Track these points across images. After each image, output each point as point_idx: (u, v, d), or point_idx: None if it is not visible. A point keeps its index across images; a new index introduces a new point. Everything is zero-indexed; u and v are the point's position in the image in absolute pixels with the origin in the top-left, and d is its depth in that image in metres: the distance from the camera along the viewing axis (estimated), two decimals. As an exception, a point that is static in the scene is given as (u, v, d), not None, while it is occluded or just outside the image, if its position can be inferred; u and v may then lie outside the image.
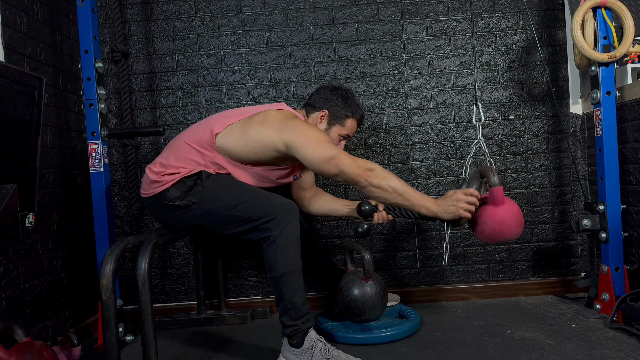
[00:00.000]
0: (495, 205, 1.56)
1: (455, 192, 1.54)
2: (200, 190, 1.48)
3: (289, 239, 1.42)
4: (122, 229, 2.19)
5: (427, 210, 1.52)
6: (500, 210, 1.55)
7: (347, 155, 1.47)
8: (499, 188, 1.55)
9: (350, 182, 1.48)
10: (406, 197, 1.49)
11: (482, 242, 1.62)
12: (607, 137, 1.80)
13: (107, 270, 1.26)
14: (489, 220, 1.56)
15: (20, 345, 1.24)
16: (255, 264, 2.22)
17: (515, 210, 1.57)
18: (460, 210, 1.51)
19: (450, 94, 2.20)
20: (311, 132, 1.48)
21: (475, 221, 1.59)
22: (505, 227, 1.55)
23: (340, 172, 1.46)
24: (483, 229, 1.57)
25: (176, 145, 1.58)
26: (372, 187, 1.47)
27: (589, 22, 1.77)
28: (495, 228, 1.55)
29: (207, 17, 2.20)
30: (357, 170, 1.46)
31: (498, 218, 1.55)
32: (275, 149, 1.50)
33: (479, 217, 1.58)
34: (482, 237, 1.60)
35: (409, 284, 2.22)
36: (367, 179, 1.46)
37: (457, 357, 1.51)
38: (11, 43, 1.62)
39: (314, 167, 1.47)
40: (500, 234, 1.56)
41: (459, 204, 1.51)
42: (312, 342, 1.42)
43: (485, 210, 1.58)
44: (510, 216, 1.55)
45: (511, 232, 1.56)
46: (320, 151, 1.44)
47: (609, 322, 1.70)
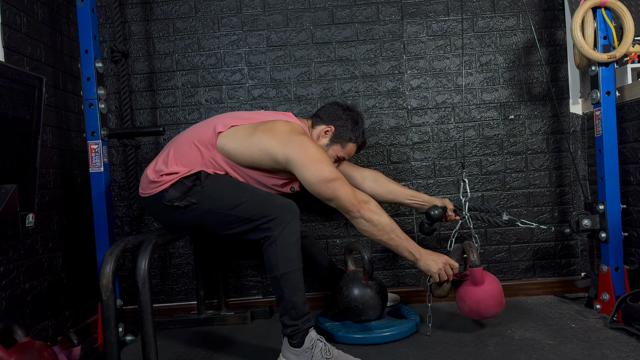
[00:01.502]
0: (474, 285, 1.63)
1: (443, 255, 1.60)
2: (200, 191, 1.48)
3: (290, 238, 1.42)
4: (122, 229, 2.19)
5: (408, 253, 1.55)
6: (478, 290, 1.63)
7: (346, 183, 1.48)
8: (479, 269, 1.62)
9: (342, 210, 1.49)
10: (392, 237, 1.52)
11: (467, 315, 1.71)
12: (607, 137, 1.80)
13: (107, 270, 1.26)
14: (467, 298, 1.64)
15: (20, 345, 1.24)
16: (255, 264, 2.22)
17: (495, 291, 1.64)
18: (435, 270, 1.57)
19: (450, 94, 2.20)
20: (315, 152, 1.48)
21: (456, 296, 1.69)
22: (482, 307, 1.63)
23: (335, 198, 1.46)
24: (462, 306, 1.67)
25: (176, 144, 1.58)
26: (363, 220, 1.49)
27: (589, 22, 1.77)
28: (472, 307, 1.64)
29: (207, 17, 2.20)
30: (352, 199, 1.46)
31: (476, 298, 1.63)
32: (274, 160, 1.50)
33: (459, 293, 1.67)
34: (463, 313, 1.68)
35: (409, 284, 2.22)
36: (360, 210, 1.47)
37: (457, 357, 1.51)
38: (11, 43, 1.62)
39: (310, 186, 1.47)
40: (478, 313, 1.64)
41: (439, 264, 1.57)
42: (312, 342, 1.42)
43: (464, 288, 1.66)
44: (488, 297, 1.63)
45: (488, 312, 1.64)
46: (320, 172, 1.44)
47: (609, 322, 1.70)
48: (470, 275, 1.64)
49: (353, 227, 2.20)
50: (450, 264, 1.59)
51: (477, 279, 1.62)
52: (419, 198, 1.90)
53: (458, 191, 2.20)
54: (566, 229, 1.90)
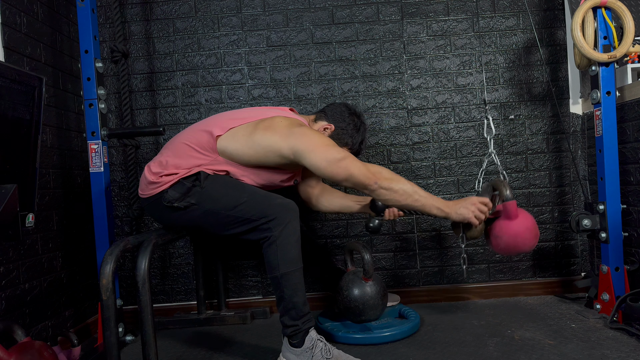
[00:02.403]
0: (509, 219, 1.58)
1: (470, 197, 1.56)
2: (199, 192, 1.48)
3: (290, 239, 1.42)
4: (122, 229, 2.19)
5: (437, 210, 1.52)
6: (513, 224, 1.57)
7: (355, 159, 1.47)
8: (512, 202, 1.56)
9: (360, 186, 1.47)
10: (416, 198, 1.49)
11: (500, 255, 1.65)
12: (607, 137, 1.80)
13: (107, 270, 1.26)
14: (502, 234, 1.58)
15: (20, 345, 1.24)
16: (255, 264, 2.22)
17: (530, 223, 1.59)
18: (470, 215, 1.53)
19: (450, 94, 2.20)
20: (318, 138, 1.48)
21: (489, 235, 1.62)
22: (520, 241, 1.57)
23: (349, 176, 1.44)
24: (498, 243, 1.60)
25: (175, 145, 1.57)
26: (383, 190, 1.46)
27: (589, 22, 1.77)
28: (509, 242, 1.57)
29: (207, 17, 2.20)
30: (366, 173, 1.45)
31: (512, 232, 1.57)
32: (280, 155, 1.49)
33: (493, 230, 1.61)
34: (498, 251, 1.62)
35: (409, 284, 2.22)
36: (376, 181, 1.45)
37: (457, 357, 1.51)
38: (11, 43, 1.62)
39: (322, 171, 1.46)
40: (515, 248, 1.58)
41: (471, 208, 1.53)
42: (312, 342, 1.42)
43: (499, 224, 1.60)
44: (524, 229, 1.57)
45: (526, 245, 1.58)
46: (328, 154, 1.44)
47: (609, 322, 1.70)
48: (505, 210, 1.58)
49: (353, 227, 2.20)
50: (482, 202, 1.55)
51: (512, 213, 1.56)
52: (364, 200, 1.88)
53: (458, 191, 2.20)
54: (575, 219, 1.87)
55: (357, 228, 2.20)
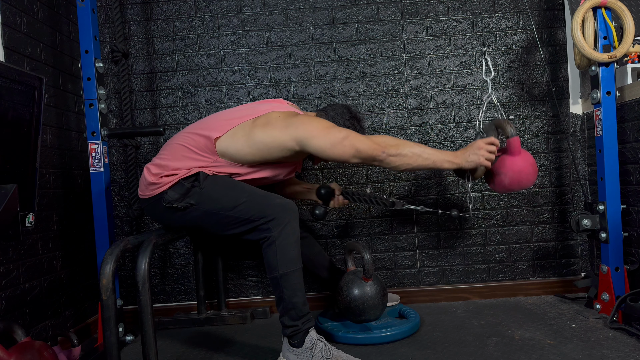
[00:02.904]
0: (513, 155, 1.60)
1: (476, 142, 1.58)
2: (199, 192, 1.48)
3: (289, 239, 1.42)
4: (122, 229, 2.19)
5: (449, 163, 1.54)
6: (518, 160, 1.60)
7: (357, 134, 1.49)
8: (517, 138, 1.59)
9: (369, 160, 1.48)
10: (425, 157, 1.51)
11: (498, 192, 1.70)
12: (607, 137, 1.80)
13: (107, 270, 1.26)
14: (507, 170, 1.60)
15: (20, 345, 1.24)
16: (255, 264, 2.22)
17: (532, 159, 1.64)
18: (481, 159, 1.55)
19: (450, 94, 2.20)
20: (317, 122, 1.49)
21: (492, 172, 1.63)
22: (524, 176, 1.60)
23: (356, 151, 1.46)
24: (502, 180, 1.62)
25: (173, 146, 1.57)
26: (392, 157, 1.48)
27: (589, 22, 1.77)
28: (514, 178, 1.60)
29: (207, 17, 2.20)
30: (372, 145, 1.47)
31: (517, 168, 1.59)
32: (284, 148, 1.49)
33: (497, 168, 1.62)
34: (500, 188, 1.64)
35: (409, 284, 2.22)
36: (384, 150, 1.47)
37: (457, 357, 1.51)
38: (11, 43, 1.62)
39: (329, 153, 1.47)
40: (519, 184, 1.61)
41: (480, 152, 1.55)
42: (312, 342, 1.42)
43: (504, 160, 1.61)
44: (529, 165, 1.61)
45: (529, 180, 1.62)
46: (331, 136, 1.45)
47: (609, 322, 1.70)
48: (509, 146, 1.60)
49: (353, 227, 2.20)
50: (489, 143, 1.57)
51: (517, 148, 1.59)
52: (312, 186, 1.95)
53: (458, 191, 2.20)
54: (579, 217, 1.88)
55: (357, 228, 2.20)
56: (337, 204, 1.87)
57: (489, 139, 1.58)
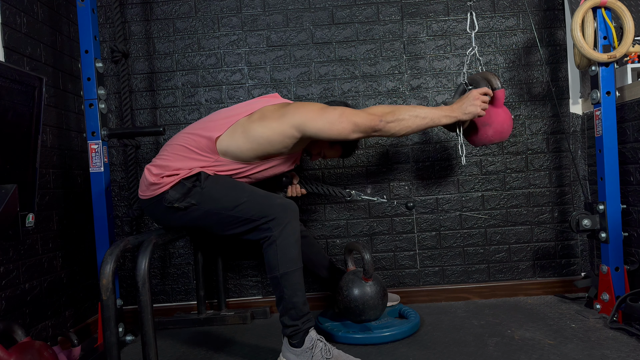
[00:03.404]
0: (497, 107, 1.65)
1: (470, 92, 1.60)
2: (200, 192, 1.48)
3: (289, 239, 1.42)
4: (122, 229, 2.19)
5: (447, 118, 1.57)
6: (501, 111, 1.66)
7: (352, 110, 1.51)
8: (502, 90, 1.64)
9: (369, 131, 1.50)
10: (423, 116, 1.53)
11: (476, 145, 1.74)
12: (607, 137, 1.80)
13: (107, 270, 1.26)
14: (492, 121, 1.65)
15: (20, 345, 1.24)
16: (255, 264, 2.22)
17: (509, 112, 1.71)
18: (478, 109, 1.59)
19: (450, 94, 2.20)
20: (310, 106, 1.51)
21: (477, 124, 1.68)
22: (506, 128, 1.66)
23: (355, 125, 1.47)
24: (486, 131, 1.67)
25: (174, 147, 1.57)
26: (391, 124, 1.50)
27: (589, 22, 1.77)
28: (497, 129, 1.66)
29: (207, 17, 2.20)
30: (368, 116, 1.49)
31: (500, 119, 1.65)
32: (285, 137, 1.50)
33: (481, 119, 1.66)
34: (483, 139, 1.69)
35: (409, 284, 2.22)
36: (382, 119, 1.49)
37: (457, 357, 1.51)
38: (11, 43, 1.62)
39: (328, 132, 1.48)
40: (501, 134, 1.67)
41: (476, 103, 1.58)
42: (312, 342, 1.42)
43: (488, 112, 1.65)
44: (509, 117, 1.67)
45: (508, 132, 1.68)
46: (327, 115, 1.47)
47: (609, 322, 1.70)
48: (496, 98, 1.64)
49: (353, 227, 2.20)
50: (482, 93, 1.59)
51: (501, 101, 1.64)
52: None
53: (458, 191, 2.20)
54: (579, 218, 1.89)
55: (357, 228, 2.20)
56: (295, 192, 1.89)
57: (482, 89, 1.60)
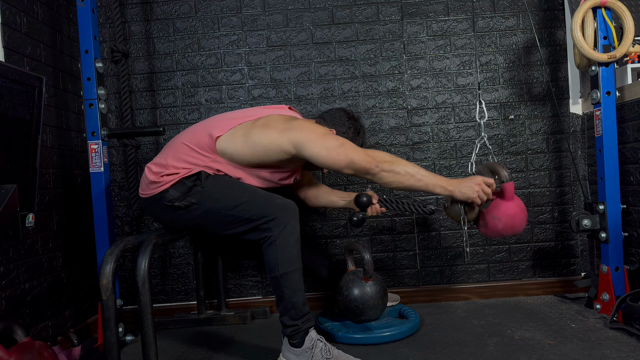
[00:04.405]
0: (507, 200, 1.58)
1: (475, 177, 1.55)
2: (200, 191, 1.48)
3: (289, 239, 1.42)
4: (122, 229, 2.19)
5: (441, 188, 1.51)
6: (512, 205, 1.58)
7: (354, 145, 1.48)
8: (512, 184, 1.58)
9: (362, 172, 1.47)
10: (419, 178, 1.48)
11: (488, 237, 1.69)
12: (607, 137, 1.80)
13: (107, 270, 1.26)
14: (502, 215, 1.58)
15: (20, 345, 1.24)
16: (255, 264, 2.22)
17: (523, 204, 1.63)
18: (474, 194, 1.52)
19: (450, 94, 2.20)
20: (315, 128, 1.49)
21: (486, 217, 1.61)
22: (517, 222, 1.59)
23: (350, 162, 1.45)
24: (495, 224, 1.59)
25: (175, 146, 1.57)
26: (385, 173, 1.46)
27: (589, 22, 1.77)
28: (507, 223, 1.58)
29: (207, 17, 2.20)
30: (366, 157, 1.46)
31: (511, 212, 1.58)
32: (282, 151, 1.49)
33: (491, 212, 1.60)
34: (492, 232, 1.62)
35: (409, 284, 2.22)
36: (378, 165, 1.46)
37: (457, 357, 1.51)
38: (11, 43, 1.62)
39: (323, 159, 1.46)
40: (512, 229, 1.60)
41: (475, 188, 1.51)
42: (312, 342, 1.42)
43: (497, 205, 1.59)
44: (521, 211, 1.60)
45: (521, 226, 1.61)
46: (327, 142, 1.45)
47: (609, 322, 1.70)
48: (504, 191, 1.58)
49: (353, 227, 2.20)
50: (486, 183, 1.54)
51: (511, 193, 1.58)
52: (348, 196, 1.90)
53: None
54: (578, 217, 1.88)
55: (357, 228, 2.20)
56: (375, 212, 1.82)
57: (488, 178, 1.55)
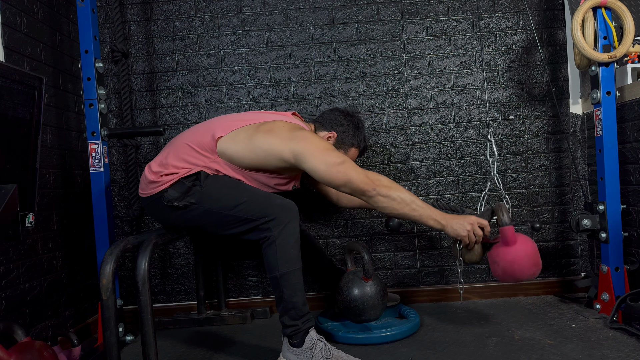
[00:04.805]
0: (506, 245, 1.55)
1: (469, 216, 1.54)
2: (199, 191, 1.48)
3: (289, 239, 1.42)
4: (122, 229, 2.19)
5: (434, 221, 1.50)
6: (511, 250, 1.54)
7: (355, 165, 1.48)
8: (510, 228, 1.54)
9: (358, 192, 1.47)
10: (413, 207, 1.47)
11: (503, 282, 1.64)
12: (607, 137, 1.80)
13: (107, 270, 1.26)
14: (500, 260, 1.55)
15: (20, 345, 1.24)
16: (255, 264, 2.22)
17: (529, 250, 1.55)
18: (464, 233, 1.51)
19: (450, 94, 2.20)
20: (318, 142, 1.48)
21: (489, 261, 1.60)
22: (517, 268, 1.53)
23: (348, 181, 1.44)
24: (495, 269, 1.58)
25: (176, 145, 1.57)
26: (381, 197, 1.46)
27: (589, 22, 1.77)
28: (506, 268, 1.54)
29: (207, 17, 2.20)
30: (364, 179, 1.45)
31: (509, 258, 1.54)
32: (281, 159, 1.49)
33: (491, 256, 1.59)
34: (497, 277, 1.59)
35: (409, 284, 2.22)
36: (375, 188, 1.45)
37: (457, 357, 1.51)
38: (11, 43, 1.62)
39: (321, 175, 1.45)
40: (512, 275, 1.55)
41: (467, 227, 1.51)
42: (312, 342, 1.42)
43: (497, 249, 1.57)
44: (522, 256, 1.53)
45: (523, 272, 1.54)
46: (328, 158, 1.44)
47: (609, 322, 1.70)
48: (501, 235, 1.56)
49: (353, 227, 2.20)
50: (479, 224, 1.52)
51: (509, 239, 1.54)
52: None
53: (458, 191, 2.20)
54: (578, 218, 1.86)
55: (357, 228, 2.20)
56: None
57: (483, 220, 1.53)
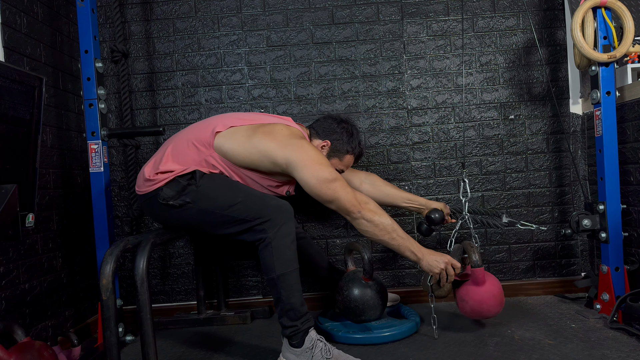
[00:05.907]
0: (476, 285, 1.63)
1: (446, 255, 1.58)
2: (195, 190, 1.48)
3: (285, 240, 1.42)
4: (122, 229, 2.19)
5: (411, 253, 1.54)
6: (480, 290, 1.63)
7: (346, 184, 1.49)
8: (480, 270, 1.62)
9: (343, 211, 1.49)
10: (393, 237, 1.51)
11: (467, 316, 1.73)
12: (607, 137, 1.80)
13: (107, 270, 1.26)
14: (469, 299, 1.64)
15: (20, 345, 1.24)
16: (255, 264, 2.22)
17: (496, 291, 1.65)
18: (437, 270, 1.55)
19: (450, 94, 2.20)
20: (314, 154, 1.48)
21: (456, 297, 1.69)
22: (485, 307, 1.63)
23: (336, 199, 1.46)
24: (463, 306, 1.67)
25: (174, 142, 1.57)
26: (364, 220, 1.48)
27: (589, 22, 1.77)
28: (475, 307, 1.64)
29: (207, 17, 2.20)
30: (352, 199, 1.47)
31: (478, 298, 1.63)
32: (273, 163, 1.49)
33: (460, 293, 1.67)
34: (464, 313, 1.69)
35: (409, 284, 2.21)
36: (360, 211, 1.47)
37: (457, 357, 1.51)
38: (11, 43, 1.62)
39: (310, 188, 1.46)
40: (480, 313, 1.65)
41: (441, 265, 1.55)
42: (312, 342, 1.42)
43: (466, 288, 1.65)
44: (490, 296, 1.63)
45: (490, 311, 1.65)
46: (320, 173, 1.44)
47: (609, 322, 1.70)
48: (472, 275, 1.63)
49: (353, 227, 2.19)
50: (452, 264, 1.57)
51: (479, 279, 1.62)
52: (416, 201, 1.90)
53: (458, 191, 2.20)
54: (567, 230, 1.91)
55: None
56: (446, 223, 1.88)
57: (456, 262, 1.58)
